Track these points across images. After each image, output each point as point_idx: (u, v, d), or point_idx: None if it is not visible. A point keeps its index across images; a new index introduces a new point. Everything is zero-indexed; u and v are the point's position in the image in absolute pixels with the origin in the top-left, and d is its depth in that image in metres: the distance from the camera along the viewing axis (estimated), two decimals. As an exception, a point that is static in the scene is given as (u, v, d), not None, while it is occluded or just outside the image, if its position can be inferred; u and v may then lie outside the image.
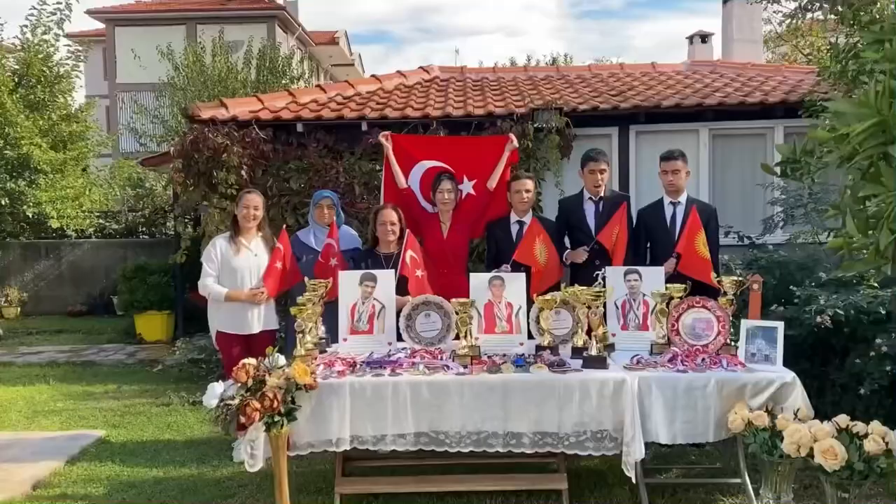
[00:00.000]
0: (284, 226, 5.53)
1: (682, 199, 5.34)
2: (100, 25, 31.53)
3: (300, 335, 4.26)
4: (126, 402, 6.95)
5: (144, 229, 13.62)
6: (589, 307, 4.23)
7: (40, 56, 10.47)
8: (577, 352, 4.35)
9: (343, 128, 7.81)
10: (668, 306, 4.44)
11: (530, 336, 4.64)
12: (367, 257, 5.24)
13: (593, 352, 4.14)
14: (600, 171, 5.33)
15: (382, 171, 5.69)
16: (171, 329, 9.78)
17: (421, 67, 9.89)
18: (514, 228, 5.43)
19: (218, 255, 5.20)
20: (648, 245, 5.45)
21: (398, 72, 9.49)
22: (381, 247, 5.23)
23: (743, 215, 8.09)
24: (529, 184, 5.38)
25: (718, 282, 4.53)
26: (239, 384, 3.63)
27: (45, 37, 10.76)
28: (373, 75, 9.63)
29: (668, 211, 5.33)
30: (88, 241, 12.81)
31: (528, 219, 5.39)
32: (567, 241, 5.58)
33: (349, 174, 7.72)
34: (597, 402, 3.88)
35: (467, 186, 5.58)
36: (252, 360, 3.76)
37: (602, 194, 5.42)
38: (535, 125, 7.56)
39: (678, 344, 4.39)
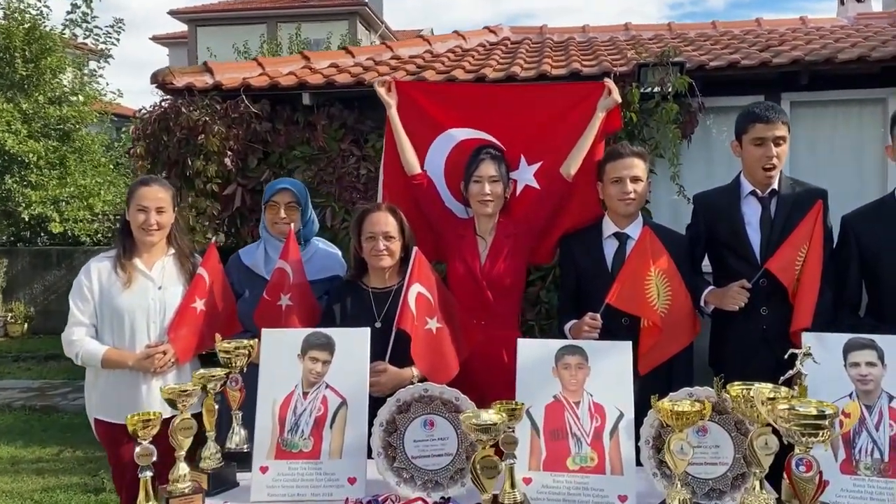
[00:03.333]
0: (213, 239, 3.31)
1: (935, 195, 2.81)
2: (183, 27, 31.30)
3: (144, 476, 2.02)
4: (51, 479, 4.97)
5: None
6: (789, 442, 1.78)
7: (25, 26, 8.76)
8: (749, 530, 1.93)
9: (367, 101, 5.55)
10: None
11: (638, 461, 2.25)
12: (345, 294, 2.98)
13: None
14: (776, 139, 2.87)
15: (383, 150, 3.38)
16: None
17: (487, 28, 7.54)
18: (611, 247, 3.05)
19: (94, 289, 3.05)
20: (865, 281, 2.94)
21: (455, 32, 7.18)
22: (371, 277, 2.97)
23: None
24: (640, 166, 2.98)
25: None
26: None
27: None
28: (420, 35, 7.37)
29: (909, 218, 2.81)
30: (103, 248, 11.04)
31: (635, 229, 3.00)
32: (708, 268, 3.16)
33: (374, 163, 5.46)
34: None
35: (527, 173, 3.21)
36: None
37: (776, 186, 2.95)
38: (643, 89, 5.08)
39: None
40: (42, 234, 10.42)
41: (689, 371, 3.02)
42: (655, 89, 5.06)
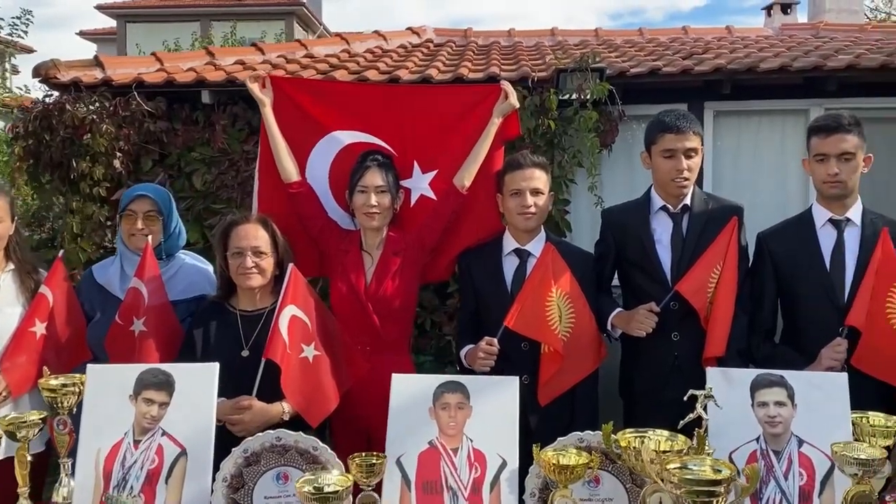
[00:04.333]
0: (61, 252, 2.92)
1: (855, 213, 2.62)
2: (112, 23, 30.15)
3: None
4: None
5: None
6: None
7: None
8: None
9: (274, 99, 5.18)
10: (867, 477, 1.73)
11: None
12: (209, 317, 2.62)
13: None
14: (686, 151, 2.65)
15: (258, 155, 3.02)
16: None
17: (409, 28, 7.24)
18: (511, 265, 2.78)
19: (-88, 309, 2.62)
20: (781, 305, 2.74)
21: (376, 32, 6.86)
22: (240, 297, 2.62)
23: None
24: (541, 177, 2.72)
25: None
26: None
27: None
28: (338, 34, 7.03)
29: (827, 236, 2.62)
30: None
31: (536, 246, 2.73)
32: (617, 290, 2.93)
33: (279, 168, 5.08)
34: None
35: (421, 181, 2.91)
36: None
37: (689, 200, 2.72)
38: (562, 96, 4.84)
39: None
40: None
41: (593, 401, 2.78)
42: (574, 96, 4.82)
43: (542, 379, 2.64)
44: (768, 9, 10.21)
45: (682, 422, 1.81)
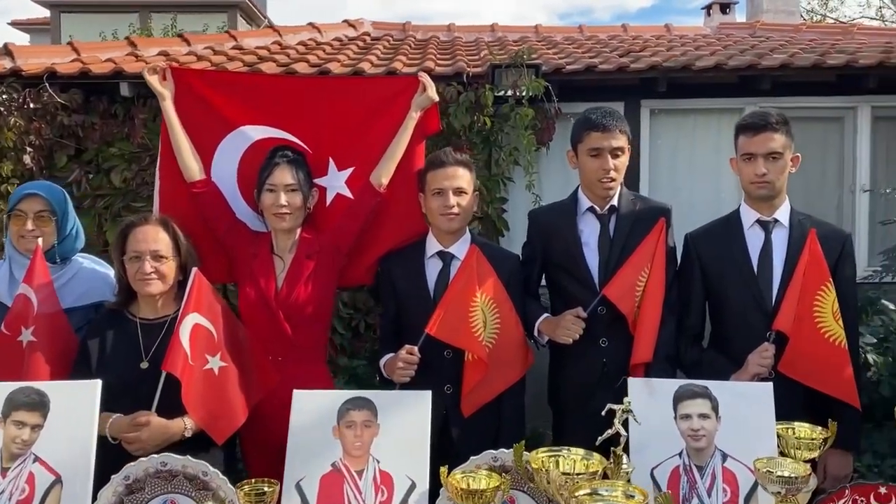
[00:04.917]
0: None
1: (783, 213, 2.56)
2: (45, 13, 28.96)
3: None
4: None
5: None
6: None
7: None
8: None
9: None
10: (790, 495, 1.65)
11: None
12: (107, 326, 2.41)
13: None
14: (613, 150, 2.54)
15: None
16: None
17: (346, 21, 7.05)
18: (434, 268, 2.64)
19: None
20: (709, 308, 2.66)
21: (310, 24, 6.65)
22: (140, 305, 2.42)
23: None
24: (464, 176, 2.58)
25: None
26: None
27: None
28: (270, 25, 6.80)
29: (754, 237, 2.55)
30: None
31: (460, 248, 2.60)
32: (545, 295, 2.81)
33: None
34: None
35: (337, 180, 2.73)
36: None
37: (616, 201, 2.62)
38: (497, 92, 4.73)
39: None
40: None
41: (520, 411, 2.66)
42: (509, 92, 4.72)
43: (465, 388, 2.51)
44: (708, 8, 10.30)
45: (599, 438, 1.70)
